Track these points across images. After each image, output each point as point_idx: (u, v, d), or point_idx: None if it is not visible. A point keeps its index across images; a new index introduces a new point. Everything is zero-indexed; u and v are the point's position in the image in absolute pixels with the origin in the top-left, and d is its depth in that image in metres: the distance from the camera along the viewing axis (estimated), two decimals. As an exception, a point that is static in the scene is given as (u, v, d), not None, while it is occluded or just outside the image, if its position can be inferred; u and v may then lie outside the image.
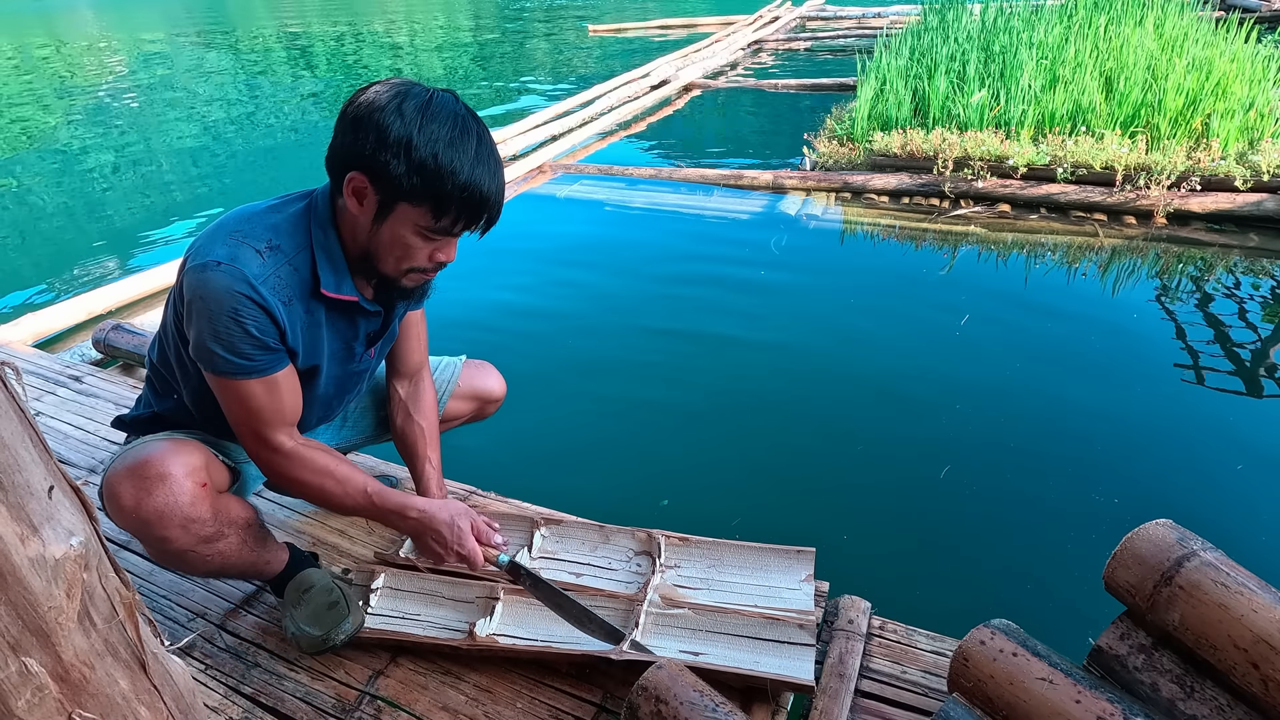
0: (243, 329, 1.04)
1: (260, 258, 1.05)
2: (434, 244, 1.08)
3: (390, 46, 13.48)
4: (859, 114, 4.98)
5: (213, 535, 1.14)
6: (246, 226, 1.07)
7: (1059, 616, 1.71)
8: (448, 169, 1.00)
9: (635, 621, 1.31)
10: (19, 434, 0.52)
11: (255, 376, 1.08)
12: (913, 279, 3.43)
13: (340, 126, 1.03)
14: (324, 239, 1.11)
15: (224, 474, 1.23)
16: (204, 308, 1.03)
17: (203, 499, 1.12)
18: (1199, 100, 4.27)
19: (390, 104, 0.99)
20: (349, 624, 1.30)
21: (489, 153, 1.04)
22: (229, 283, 1.02)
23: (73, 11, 24.63)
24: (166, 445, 1.13)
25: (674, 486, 2.15)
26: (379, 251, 1.09)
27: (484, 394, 1.62)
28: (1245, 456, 2.19)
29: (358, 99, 1.03)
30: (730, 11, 12.69)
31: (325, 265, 1.11)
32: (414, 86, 1.03)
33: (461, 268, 3.63)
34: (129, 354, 2.55)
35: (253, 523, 1.24)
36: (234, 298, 1.02)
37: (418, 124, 0.99)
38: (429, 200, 1.02)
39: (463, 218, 1.05)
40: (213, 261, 1.03)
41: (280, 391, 1.12)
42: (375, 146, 0.99)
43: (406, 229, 1.05)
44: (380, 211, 1.04)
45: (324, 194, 1.12)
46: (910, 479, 2.15)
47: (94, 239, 4.58)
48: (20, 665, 0.53)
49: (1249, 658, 0.87)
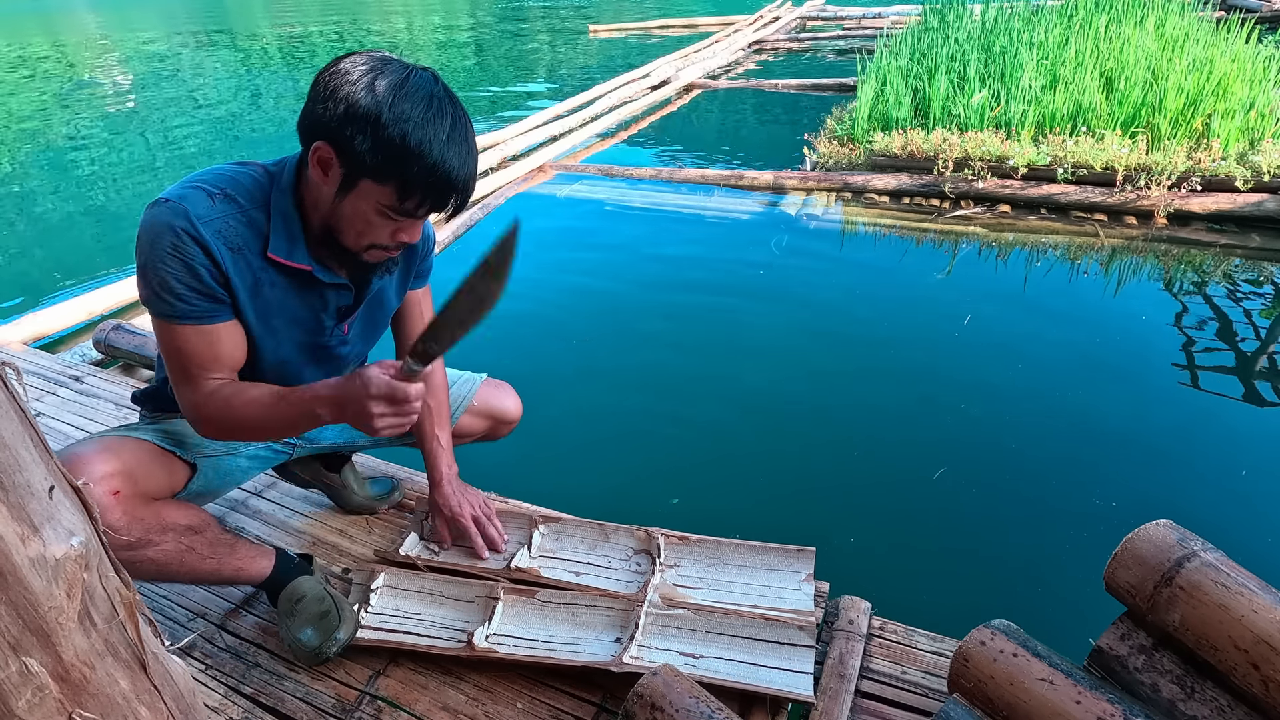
0: (179, 266, 1.01)
1: (210, 200, 1.03)
2: (396, 223, 1.04)
3: (390, 48, 13.49)
4: (859, 114, 4.98)
5: (134, 544, 1.09)
6: (207, 175, 1.06)
7: (1059, 617, 1.71)
8: (415, 150, 0.96)
9: (635, 622, 1.31)
10: (19, 434, 0.52)
11: (190, 323, 1.05)
12: (913, 279, 3.43)
13: (313, 93, 1.00)
14: (282, 203, 1.08)
15: (163, 476, 1.18)
16: (144, 242, 1.01)
17: (111, 507, 1.07)
18: (1199, 100, 4.27)
19: (363, 78, 0.96)
20: (341, 634, 1.28)
21: (462, 136, 1.00)
22: (170, 218, 0.99)
23: (71, 11, 24.65)
24: (88, 449, 1.10)
25: (674, 487, 2.15)
26: (339, 224, 1.05)
27: (499, 414, 1.60)
28: (1245, 457, 2.19)
29: (332, 67, 0.99)
30: (730, 11, 12.69)
31: (280, 229, 1.08)
32: (391, 61, 0.99)
33: (462, 267, 3.61)
34: (130, 354, 2.55)
35: (200, 528, 1.20)
36: (173, 232, 0.99)
37: (389, 101, 0.95)
38: (393, 180, 0.98)
39: (428, 201, 1.01)
40: (160, 199, 1.01)
41: (216, 342, 1.08)
42: (343, 119, 0.96)
43: (369, 206, 1.01)
44: (344, 185, 1.01)
45: (293, 161, 1.10)
46: (910, 479, 2.15)
47: (94, 239, 4.58)
48: (21, 665, 0.53)
49: (1249, 658, 0.87)
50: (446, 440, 1.44)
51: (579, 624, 1.35)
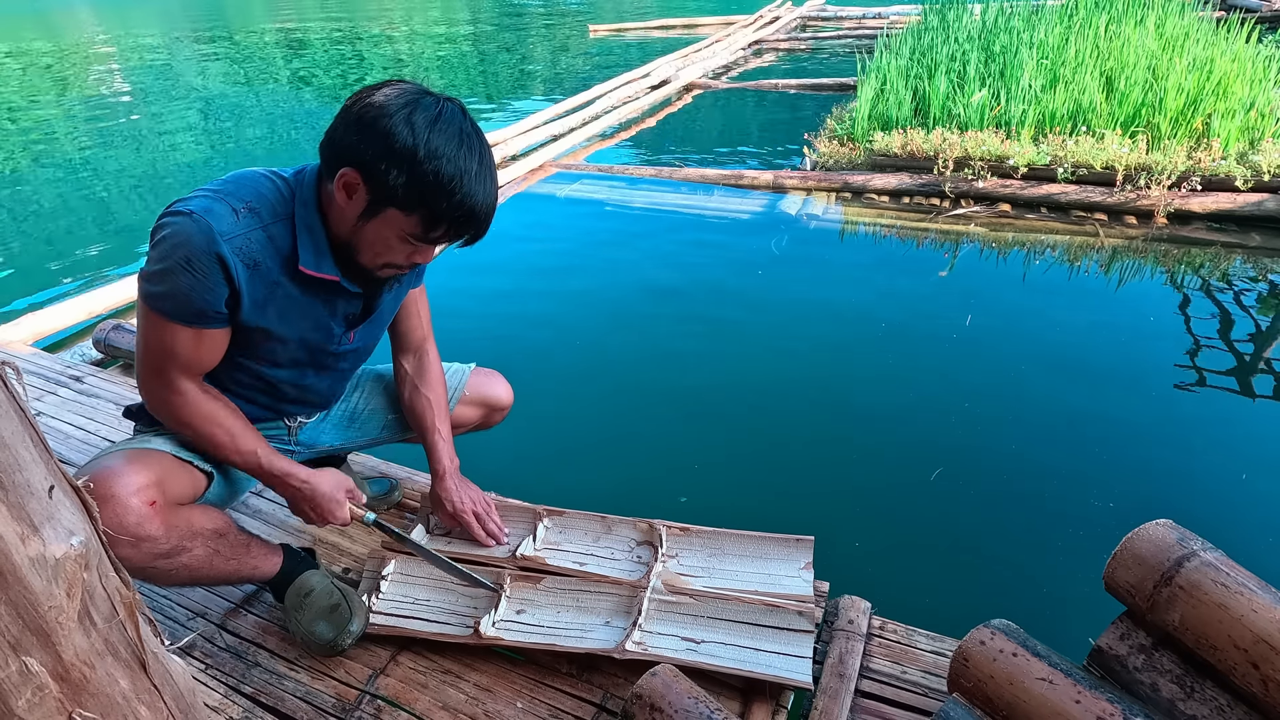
0: (193, 280, 1.03)
1: (235, 215, 1.05)
2: (414, 248, 1.10)
3: (389, 47, 13.48)
4: (859, 114, 4.98)
5: (170, 551, 1.12)
6: (230, 186, 1.08)
7: (1059, 616, 1.71)
8: (447, 187, 1.01)
9: (639, 608, 1.33)
10: (19, 434, 0.52)
11: (189, 325, 1.08)
12: (913, 279, 3.42)
13: (344, 121, 1.04)
14: (307, 216, 1.11)
15: (187, 483, 1.21)
16: (164, 250, 1.03)
17: (150, 517, 1.09)
18: (1200, 100, 4.27)
19: (400, 112, 1.00)
20: (355, 625, 1.30)
21: (487, 171, 1.06)
22: (194, 233, 1.02)
23: (70, 11, 24.65)
24: (118, 462, 1.11)
25: (673, 487, 2.15)
26: (359, 245, 1.10)
27: (491, 401, 1.61)
28: (1245, 457, 2.19)
29: (366, 98, 1.03)
30: (730, 11, 12.69)
31: (306, 242, 1.11)
32: (425, 96, 1.04)
33: (462, 267, 3.59)
34: (130, 354, 2.55)
35: (224, 532, 1.22)
36: (195, 249, 1.02)
37: (425, 138, 1.00)
38: (421, 211, 1.04)
39: (451, 232, 1.08)
40: (186, 210, 1.03)
41: (203, 346, 1.12)
42: (379, 152, 1.00)
43: (391, 232, 1.07)
44: (369, 210, 1.06)
45: (312, 173, 1.13)
46: (911, 479, 2.15)
47: (95, 239, 4.58)
48: (20, 665, 0.53)
49: (1249, 658, 0.87)
50: (447, 433, 1.47)
51: (583, 610, 1.37)
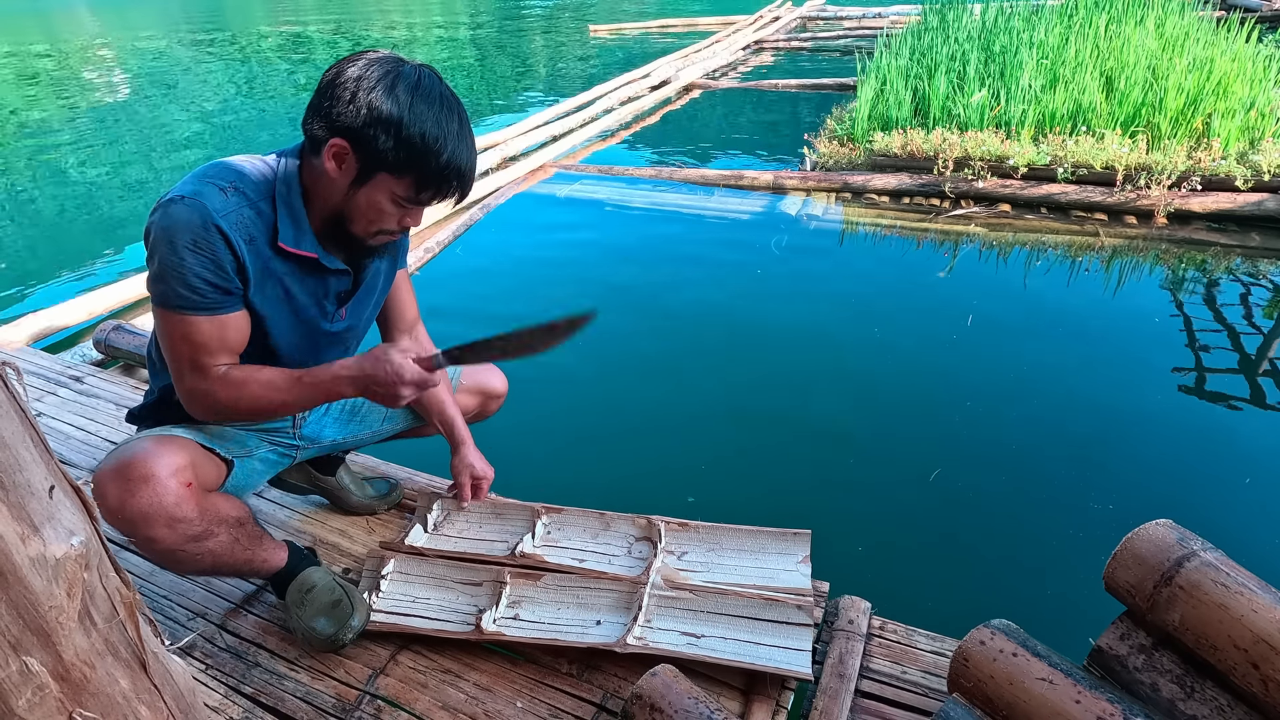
0: (200, 259, 1.05)
1: (223, 195, 1.07)
2: (405, 210, 1.13)
3: (389, 48, 13.48)
4: (859, 114, 4.98)
5: (201, 534, 1.15)
6: (211, 171, 1.10)
7: (1059, 616, 1.71)
8: (434, 148, 1.05)
9: (639, 603, 1.33)
10: (20, 434, 0.52)
11: (204, 313, 1.08)
12: (913, 279, 3.42)
13: (325, 93, 1.06)
14: (287, 194, 1.13)
15: (212, 471, 1.23)
16: (164, 238, 1.04)
17: (187, 499, 1.12)
18: (1200, 100, 4.27)
19: (382, 81, 1.04)
20: (356, 621, 1.31)
21: (467, 131, 1.11)
22: (189, 214, 1.04)
23: (69, 11, 24.65)
24: (152, 445, 1.14)
25: (672, 486, 2.15)
26: (352, 213, 1.13)
27: (487, 389, 1.64)
28: (1245, 457, 2.19)
29: (346, 70, 1.05)
30: (730, 11, 12.68)
31: (286, 219, 1.13)
32: (403, 64, 1.07)
33: (462, 267, 3.59)
34: (130, 354, 2.55)
35: (244, 520, 1.25)
36: (195, 228, 1.04)
37: (408, 104, 1.04)
38: (411, 174, 1.07)
39: (440, 191, 1.11)
40: (176, 197, 1.05)
41: (227, 330, 1.12)
42: (366, 120, 1.03)
43: (383, 196, 1.10)
44: (359, 177, 1.08)
45: (292, 152, 1.15)
46: (911, 479, 2.15)
47: (95, 240, 4.58)
48: (21, 664, 0.53)
49: (1249, 658, 0.87)
50: (457, 410, 1.51)
51: (584, 606, 1.38)
